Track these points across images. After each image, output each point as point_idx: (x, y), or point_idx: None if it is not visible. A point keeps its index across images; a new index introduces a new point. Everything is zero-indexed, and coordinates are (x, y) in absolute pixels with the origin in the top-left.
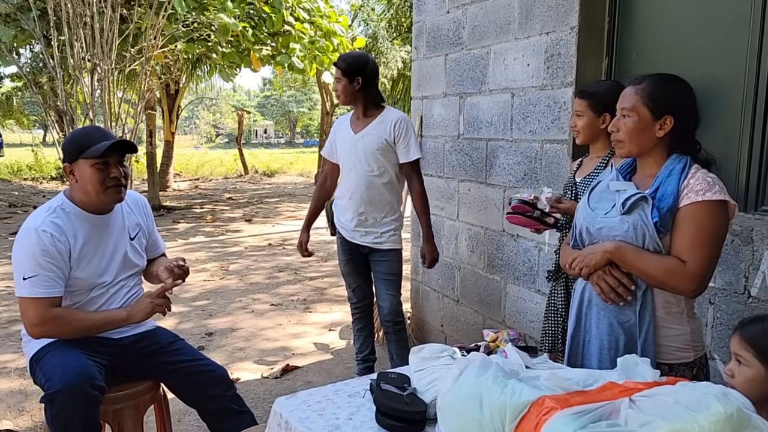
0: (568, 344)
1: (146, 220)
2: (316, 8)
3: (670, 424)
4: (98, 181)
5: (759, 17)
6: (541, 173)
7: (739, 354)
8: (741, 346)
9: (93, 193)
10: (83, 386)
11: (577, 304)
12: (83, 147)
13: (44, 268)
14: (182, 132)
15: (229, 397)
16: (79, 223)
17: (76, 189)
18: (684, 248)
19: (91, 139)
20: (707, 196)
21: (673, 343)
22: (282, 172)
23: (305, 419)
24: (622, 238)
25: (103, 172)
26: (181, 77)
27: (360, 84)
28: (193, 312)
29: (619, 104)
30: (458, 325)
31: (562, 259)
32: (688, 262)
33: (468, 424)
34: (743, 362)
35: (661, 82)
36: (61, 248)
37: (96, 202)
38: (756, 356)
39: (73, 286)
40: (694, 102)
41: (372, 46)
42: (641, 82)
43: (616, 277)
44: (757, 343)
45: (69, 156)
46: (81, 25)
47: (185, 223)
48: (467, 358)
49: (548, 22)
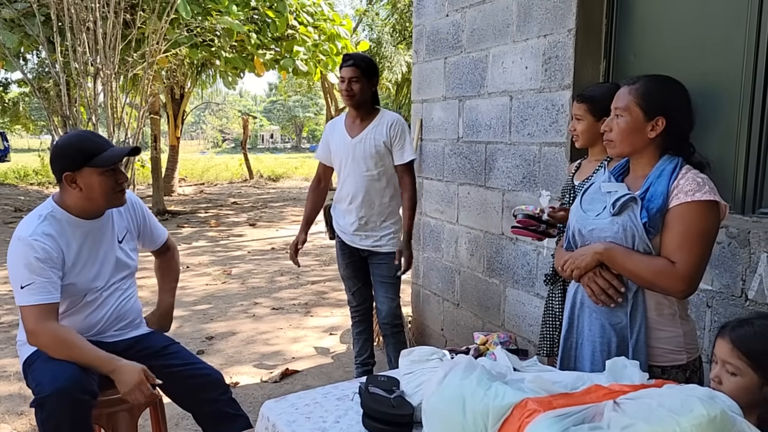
0: (561, 346)
1: (136, 219)
2: (319, 12)
3: (651, 427)
4: (108, 189)
5: (755, 19)
6: (539, 176)
7: (729, 362)
8: (732, 354)
9: (101, 200)
10: (73, 391)
11: (570, 307)
12: (89, 155)
13: (40, 275)
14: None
15: (224, 401)
16: (71, 230)
17: (78, 197)
18: (673, 249)
19: (94, 147)
20: (696, 197)
21: (665, 345)
22: (287, 176)
23: (292, 422)
24: (612, 239)
25: (111, 179)
26: (186, 82)
27: (374, 85)
28: (194, 316)
29: (613, 104)
30: (458, 329)
31: (556, 262)
32: (678, 262)
33: (451, 427)
34: (734, 370)
35: (655, 83)
36: (54, 256)
37: (99, 208)
38: (749, 364)
39: (67, 291)
40: (688, 104)
41: (376, 50)
42: (636, 82)
43: (606, 278)
44: (750, 349)
45: (71, 164)
46: (84, 30)
47: (189, 227)
48: (453, 361)
49: (546, 24)
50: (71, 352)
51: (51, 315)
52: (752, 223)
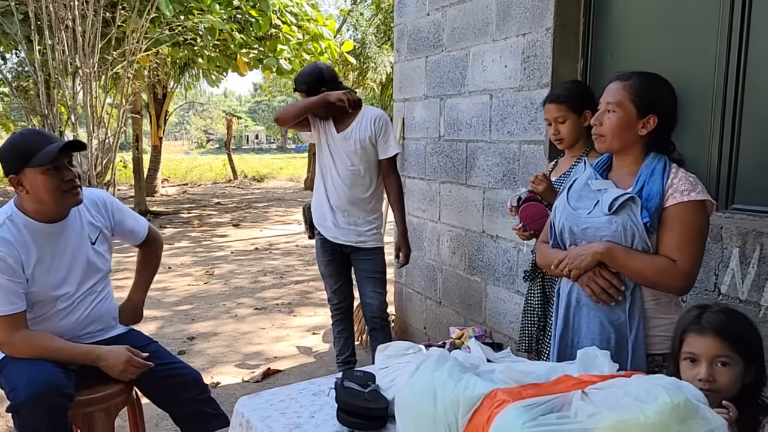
0: (557, 345)
1: (108, 218)
2: (303, 12)
3: (616, 415)
4: (54, 188)
5: (727, 18)
6: (519, 174)
7: (722, 354)
8: (723, 346)
9: (50, 201)
10: (49, 395)
11: (565, 306)
12: (28, 155)
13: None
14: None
15: (202, 401)
16: (30, 234)
17: (28, 200)
18: (674, 248)
19: (34, 145)
20: (692, 196)
21: (663, 333)
22: (272, 177)
23: (267, 418)
24: (611, 238)
25: (56, 178)
26: (169, 82)
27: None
28: (176, 316)
29: (603, 97)
30: (441, 326)
31: (541, 260)
32: (679, 261)
33: (422, 419)
34: (728, 361)
35: (648, 81)
36: (12, 264)
37: (53, 210)
38: (738, 352)
39: (34, 298)
40: (676, 103)
41: (360, 50)
42: (629, 78)
43: (607, 278)
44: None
45: (12, 166)
46: (63, 28)
47: (172, 227)
48: (425, 354)
49: (525, 23)
50: (50, 354)
51: (19, 323)
52: (725, 219)
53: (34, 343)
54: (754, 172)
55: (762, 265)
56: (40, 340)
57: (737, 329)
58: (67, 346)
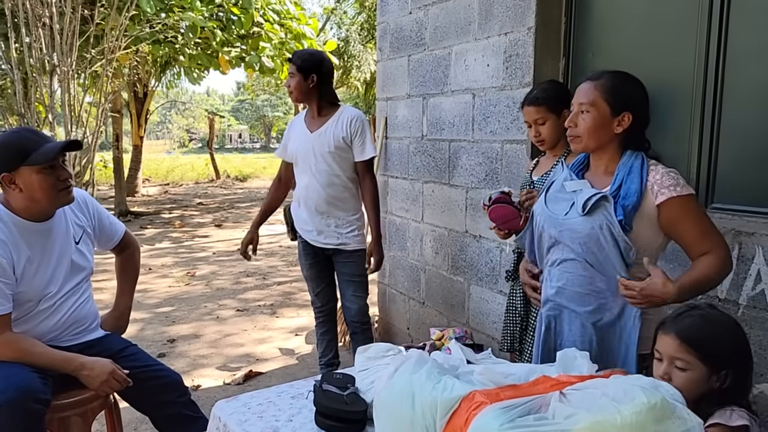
0: (540, 348)
1: (90, 218)
2: (285, 11)
3: (593, 416)
4: (49, 187)
5: (706, 17)
6: (501, 174)
7: (678, 357)
8: (680, 349)
9: (43, 200)
10: (24, 402)
11: (546, 309)
12: (25, 153)
13: None
14: (154, 137)
15: (182, 403)
16: (20, 233)
17: (20, 198)
18: (696, 241)
19: (31, 144)
20: (680, 191)
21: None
22: (255, 176)
23: (244, 422)
24: (587, 238)
25: (52, 177)
26: (150, 80)
27: (314, 82)
28: (156, 318)
29: (575, 99)
30: (424, 327)
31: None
32: (712, 249)
33: (400, 422)
34: (683, 365)
35: (619, 79)
36: (5, 264)
37: (45, 208)
38: (698, 357)
39: (20, 299)
40: (648, 100)
41: (344, 49)
42: (599, 77)
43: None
44: (697, 341)
45: (6, 164)
46: (40, 25)
47: (152, 228)
48: (405, 356)
49: (507, 22)
50: (32, 359)
51: (4, 326)
52: None
53: (18, 346)
54: (734, 171)
55: (740, 264)
56: (23, 344)
57: (703, 335)
58: (49, 352)
